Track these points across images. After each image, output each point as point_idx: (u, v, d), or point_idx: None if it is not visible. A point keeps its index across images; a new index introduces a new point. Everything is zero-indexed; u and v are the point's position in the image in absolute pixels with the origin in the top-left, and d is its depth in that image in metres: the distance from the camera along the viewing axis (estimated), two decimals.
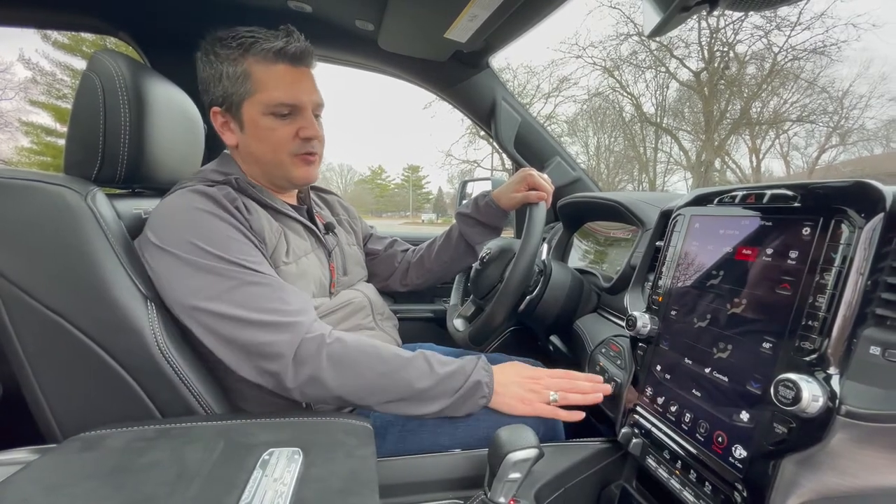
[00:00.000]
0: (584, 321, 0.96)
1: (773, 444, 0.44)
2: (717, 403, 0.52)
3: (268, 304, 0.64)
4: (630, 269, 0.87)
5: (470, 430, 0.74)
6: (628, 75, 11.20)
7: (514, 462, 0.57)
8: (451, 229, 1.05)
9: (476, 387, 0.69)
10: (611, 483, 0.72)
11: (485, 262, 1.04)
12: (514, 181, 0.94)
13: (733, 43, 9.34)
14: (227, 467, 0.48)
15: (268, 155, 0.76)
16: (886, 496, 0.37)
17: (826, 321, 0.42)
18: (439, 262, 1.06)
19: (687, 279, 0.61)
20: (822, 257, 0.43)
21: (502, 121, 1.22)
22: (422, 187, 50.46)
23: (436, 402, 0.68)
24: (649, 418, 0.62)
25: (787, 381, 0.41)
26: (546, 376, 0.74)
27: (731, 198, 0.56)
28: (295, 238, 0.80)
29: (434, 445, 0.72)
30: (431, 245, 1.08)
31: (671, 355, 0.60)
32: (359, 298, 0.89)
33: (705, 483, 0.50)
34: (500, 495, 0.60)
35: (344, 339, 0.67)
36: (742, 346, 0.50)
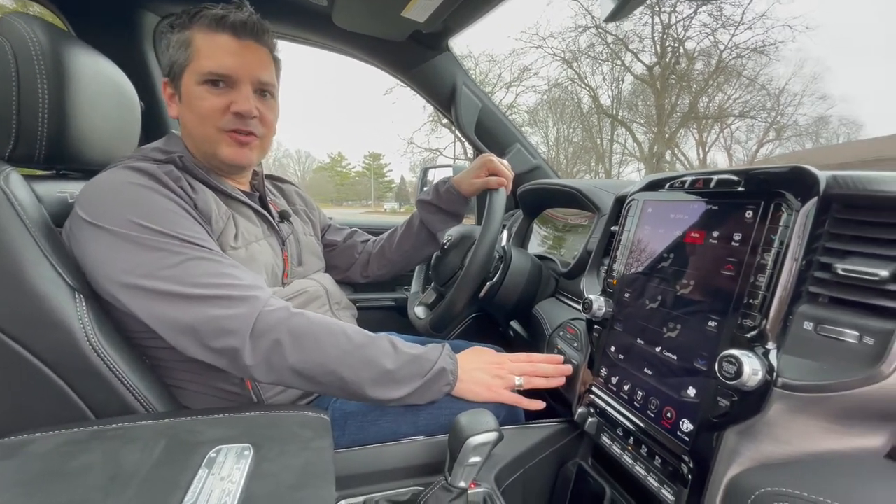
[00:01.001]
0: (543, 306, 0.98)
1: (716, 417, 0.46)
2: (666, 381, 0.54)
3: (218, 278, 0.60)
4: (587, 254, 0.89)
5: (432, 418, 0.74)
6: (586, 67, 11.47)
7: (474, 446, 0.57)
8: (412, 217, 1.03)
9: (441, 374, 0.68)
10: (568, 461, 0.74)
11: (445, 249, 1.03)
12: (474, 167, 0.93)
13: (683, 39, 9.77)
14: (170, 467, 0.45)
15: (197, 127, 0.71)
16: (817, 461, 0.40)
17: (765, 299, 0.44)
18: (401, 251, 1.04)
19: (639, 262, 0.63)
20: (763, 239, 0.45)
21: (463, 105, 1.21)
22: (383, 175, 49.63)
23: (401, 386, 0.66)
24: (604, 398, 0.64)
25: (730, 357, 0.43)
26: (509, 361, 0.75)
27: (682, 183, 0.58)
28: (245, 223, 0.76)
29: (395, 434, 0.71)
30: (392, 235, 1.06)
31: (625, 336, 0.62)
32: (314, 287, 0.85)
33: (655, 457, 0.52)
34: (460, 480, 0.60)
35: (307, 314, 0.64)
36: (689, 326, 0.52)
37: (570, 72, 11.38)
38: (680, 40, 9.86)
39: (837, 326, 0.40)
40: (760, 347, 0.44)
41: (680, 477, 0.49)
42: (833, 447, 0.40)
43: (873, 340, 0.38)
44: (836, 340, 0.40)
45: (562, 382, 0.74)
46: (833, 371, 0.39)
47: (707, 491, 0.45)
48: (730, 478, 0.44)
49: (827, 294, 0.41)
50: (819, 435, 0.40)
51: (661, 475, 0.51)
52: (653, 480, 0.52)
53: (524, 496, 0.72)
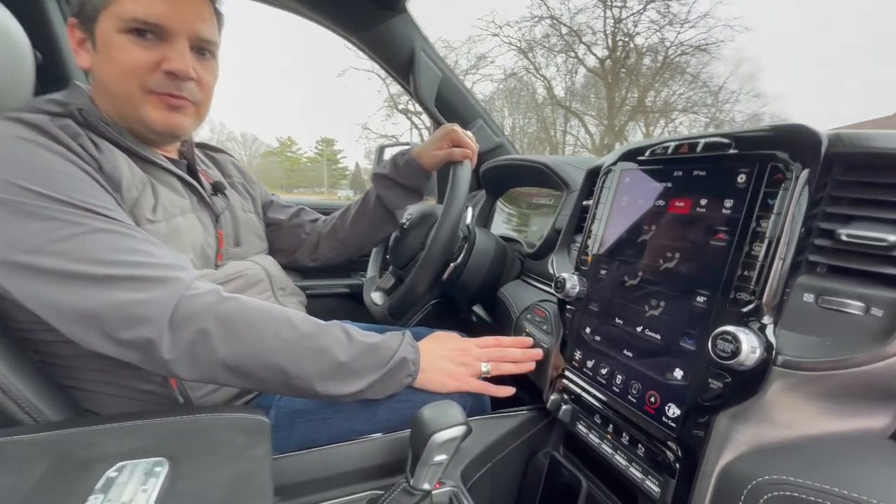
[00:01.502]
0: (508, 288, 0.92)
1: (707, 401, 0.42)
2: (649, 363, 0.49)
3: (128, 255, 0.49)
4: (555, 233, 0.84)
5: (392, 412, 0.66)
6: (541, 58, 11.60)
7: (440, 443, 0.50)
8: (367, 194, 0.94)
9: (401, 364, 0.61)
10: (538, 452, 0.69)
11: (405, 229, 0.95)
12: (436, 137, 0.85)
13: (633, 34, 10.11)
14: (49, 495, 0.35)
15: (116, 84, 0.58)
16: (816, 444, 0.37)
17: (763, 269, 0.40)
18: (355, 231, 0.94)
19: (617, 237, 0.58)
20: (759, 204, 0.41)
21: (422, 74, 1.12)
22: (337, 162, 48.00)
23: (356, 379, 0.58)
24: (579, 382, 0.59)
25: (727, 334, 0.39)
26: (475, 346, 0.69)
27: (664, 149, 0.54)
28: (168, 193, 0.64)
29: (350, 433, 0.63)
30: (345, 213, 0.96)
31: (601, 316, 0.58)
32: (254, 270, 0.75)
33: (638, 445, 0.48)
34: (424, 481, 0.53)
35: (241, 299, 0.54)
36: (675, 302, 0.48)
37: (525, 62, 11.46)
38: (630, 35, 10.20)
39: (841, 297, 0.37)
40: (756, 323, 0.40)
41: (666, 466, 0.44)
42: (834, 429, 0.37)
43: (882, 312, 0.34)
44: (840, 313, 0.36)
45: (532, 367, 0.69)
46: (838, 346, 0.35)
47: (697, 481, 0.42)
48: (722, 466, 0.40)
49: (828, 263, 0.38)
50: (819, 416, 0.37)
51: (644, 465, 0.47)
52: (635, 471, 0.48)
53: (492, 492, 0.67)
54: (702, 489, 0.41)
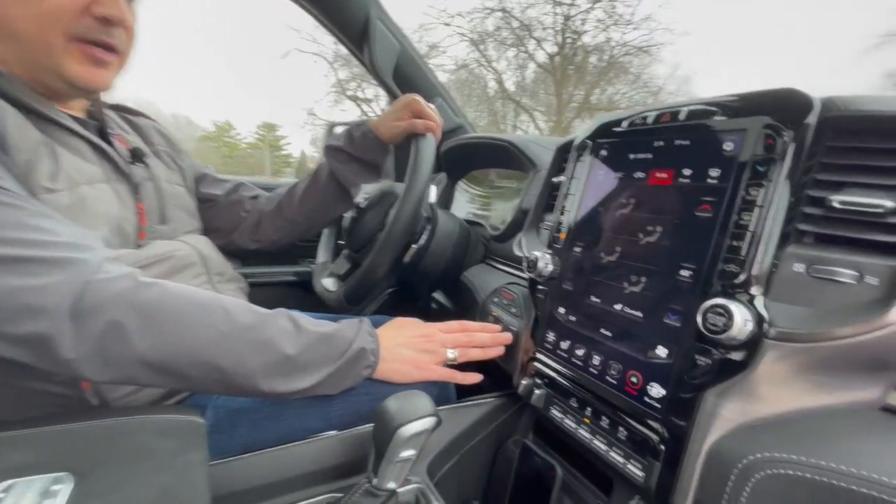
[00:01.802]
0: (472, 272, 0.88)
1: (694, 378, 0.40)
2: (629, 342, 0.47)
3: (16, 231, 0.40)
4: (521, 213, 0.81)
5: (349, 407, 0.60)
6: (493, 51, 11.66)
7: (407, 437, 0.45)
8: (318, 169, 0.85)
9: (359, 355, 0.55)
10: (507, 440, 0.66)
11: (362, 209, 0.87)
12: (397, 108, 0.78)
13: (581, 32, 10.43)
14: None
15: (31, 29, 0.47)
16: (806, 419, 0.36)
17: (753, 239, 0.38)
18: (304, 209, 0.86)
19: (593, 212, 0.55)
20: (748, 172, 0.40)
21: (378, 44, 1.04)
22: (281, 149, 45.65)
23: (307, 374, 0.51)
24: (552, 365, 0.56)
25: (717, 307, 0.37)
26: (439, 332, 0.64)
27: (643, 119, 0.51)
28: (71, 158, 0.53)
29: (302, 431, 0.56)
30: (293, 190, 0.87)
31: (576, 295, 0.55)
32: (183, 251, 0.65)
33: (618, 428, 0.46)
34: (389, 480, 0.48)
35: (164, 284, 0.45)
36: (657, 278, 0.46)
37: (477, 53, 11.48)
38: (578, 33, 10.51)
39: (833, 266, 0.35)
40: (745, 295, 0.38)
41: (650, 449, 0.42)
42: (824, 402, 0.36)
43: (878, 280, 0.33)
44: (832, 282, 0.35)
45: (500, 352, 0.65)
46: (832, 317, 0.34)
47: (684, 462, 0.39)
48: (710, 445, 0.38)
49: (820, 231, 0.37)
50: (810, 390, 0.36)
51: (626, 449, 0.45)
52: (616, 455, 0.45)
53: (460, 485, 0.63)
54: (689, 471, 0.39)
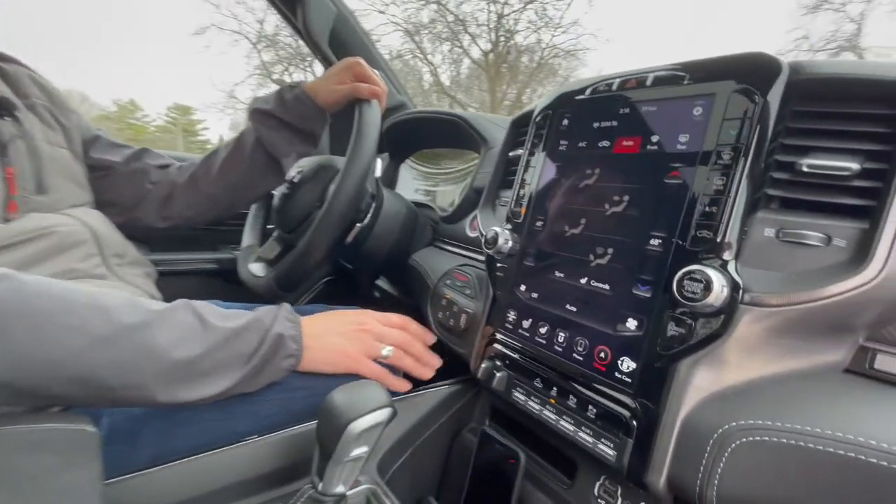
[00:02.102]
0: (421, 256, 0.83)
1: (668, 349, 0.38)
2: (596, 316, 0.45)
3: None
4: (474, 193, 0.77)
5: (282, 404, 0.52)
6: (428, 43, 11.59)
7: (358, 433, 0.39)
8: (241, 136, 0.74)
9: (278, 344, 0.47)
10: (462, 429, 0.62)
11: (296, 184, 0.78)
12: (337, 70, 0.71)
13: (514, 32, 10.72)
14: None
15: None
16: (777, 384, 0.36)
17: (726, 204, 0.37)
18: (225, 183, 0.75)
19: (555, 184, 0.53)
20: (719, 137, 0.39)
21: (312, 7, 0.94)
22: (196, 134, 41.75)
23: (220, 375, 0.44)
24: (514, 345, 0.53)
25: (695, 273, 0.36)
26: (377, 323, 0.58)
27: (608, 86, 0.49)
28: None
29: (226, 436, 0.48)
30: (211, 159, 0.76)
31: (538, 271, 0.52)
32: (70, 227, 0.53)
33: (587, 407, 0.43)
34: (337, 483, 0.42)
35: (18, 278, 0.35)
36: (625, 249, 0.44)
37: (412, 45, 11.34)
38: (511, 32, 10.80)
39: (802, 230, 0.35)
40: (717, 261, 0.37)
41: (622, 426, 0.40)
42: (794, 367, 0.36)
43: (845, 242, 0.34)
44: (802, 246, 0.35)
45: (429, 375, 0.60)
46: (803, 280, 0.34)
47: (658, 437, 0.38)
48: (684, 417, 0.37)
49: (788, 196, 0.36)
50: (780, 355, 0.36)
51: (596, 427, 0.42)
52: (585, 436, 0.43)
53: (413, 481, 0.58)
54: (663, 446, 0.38)
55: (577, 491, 0.48)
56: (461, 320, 0.62)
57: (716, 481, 0.35)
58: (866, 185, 0.34)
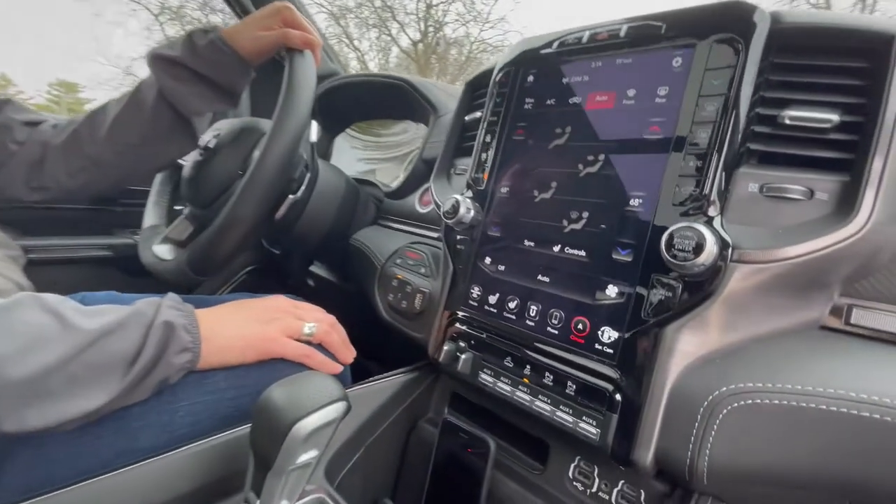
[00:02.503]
0: (363, 235, 0.75)
1: (653, 315, 0.36)
2: (572, 286, 0.41)
3: None
4: (423, 164, 0.71)
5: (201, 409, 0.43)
6: (354, 28, 11.14)
7: (306, 436, 0.32)
8: (139, 88, 0.60)
9: (167, 336, 0.38)
10: (418, 420, 0.56)
11: (212, 150, 0.66)
12: (263, 14, 0.60)
13: (443, 23, 10.68)
14: None
15: None
16: (762, 344, 0.34)
17: (711, 158, 0.35)
18: (118, 146, 0.60)
19: (521, 146, 0.48)
20: (701, 88, 0.36)
21: None
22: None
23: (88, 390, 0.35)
24: (480, 323, 0.48)
25: (685, 231, 0.33)
26: (292, 305, 0.50)
27: (577, 39, 0.46)
28: None
29: (128, 454, 0.38)
30: (97, 117, 0.60)
31: (505, 241, 0.47)
32: None
33: (566, 384, 0.40)
34: (280, 497, 0.34)
35: None
36: (603, 211, 0.41)
37: (338, 29, 10.82)
38: (440, 23, 10.75)
39: (785, 184, 0.34)
40: (702, 217, 0.35)
41: (606, 400, 0.37)
42: (776, 326, 0.35)
43: (827, 195, 0.33)
44: (785, 200, 0.34)
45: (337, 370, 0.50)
46: (788, 234, 0.33)
47: (646, 409, 0.35)
48: (671, 386, 0.35)
49: (770, 150, 0.35)
50: (766, 313, 0.34)
51: (576, 405, 0.39)
52: (564, 415, 0.39)
53: (366, 483, 0.51)
54: (650, 418, 0.35)
55: (550, 475, 0.45)
56: (416, 301, 0.56)
57: (707, 451, 0.33)
58: (844, 139, 0.33)
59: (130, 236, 0.95)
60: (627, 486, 0.40)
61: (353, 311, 0.65)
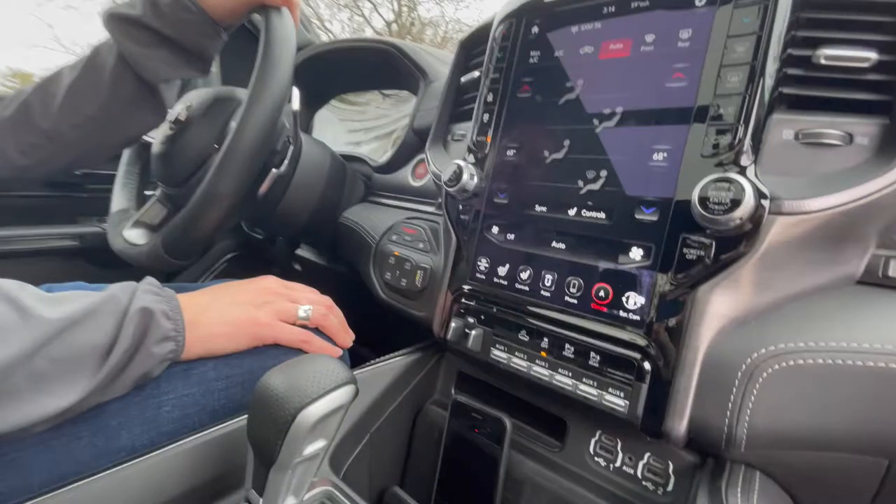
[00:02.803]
0: (354, 213, 0.70)
1: (683, 277, 0.33)
2: (592, 251, 0.38)
3: None
4: (414, 134, 0.67)
5: (190, 402, 0.39)
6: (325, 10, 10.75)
7: (313, 423, 0.29)
8: (96, 52, 0.54)
9: (145, 323, 0.34)
10: (424, 404, 0.53)
11: (184, 123, 0.60)
12: None
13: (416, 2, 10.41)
14: None
15: None
16: (799, 302, 0.32)
17: (744, 103, 0.32)
18: (74, 118, 0.54)
19: (528, 104, 0.45)
20: (729, 27, 0.33)
21: None
22: None
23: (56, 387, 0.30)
24: (489, 296, 0.44)
25: (722, 182, 0.30)
26: (283, 286, 0.46)
27: None
28: None
29: (109, 454, 0.34)
30: (49, 86, 0.54)
31: (513, 208, 0.44)
32: None
33: (588, 355, 0.37)
34: (286, 495, 0.31)
35: None
36: (623, 169, 0.37)
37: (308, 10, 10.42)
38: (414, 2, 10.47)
39: (822, 129, 0.31)
40: (734, 168, 0.32)
41: (635, 370, 0.34)
42: (813, 283, 0.33)
43: (867, 140, 0.30)
44: (824, 147, 0.31)
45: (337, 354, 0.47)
46: (832, 182, 0.30)
47: (678, 376, 0.33)
48: (705, 352, 0.32)
49: (805, 94, 0.32)
50: (803, 269, 0.32)
51: (601, 377, 0.36)
52: (588, 388, 0.37)
53: (371, 475, 0.48)
54: (683, 386, 0.33)
55: (570, 453, 0.43)
56: (417, 278, 0.52)
57: (746, 417, 0.31)
58: (883, 79, 0.31)
59: (98, 224, 0.88)
60: (654, 458, 0.38)
61: (346, 295, 0.61)
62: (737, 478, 0.33)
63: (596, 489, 0.40)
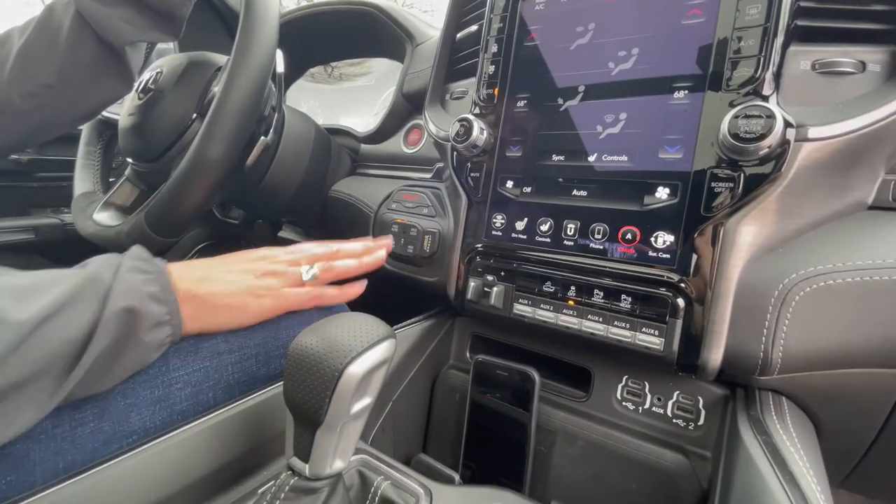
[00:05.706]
0: (344, 186, 0.67)
1: (711, 210, 0.33)
2: (615, 195, 0.38)
3: None
4: (404, 100, 0.64)
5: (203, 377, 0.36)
6: None
7: (361, 378, 0.27)
8: (50, 11, 0.48)
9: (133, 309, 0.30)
10: (440, 368, 0.52)
11: (155, 91, 0.55)
12: None
13: None
14: None
15: None
16: (818, 227, 0.33)
17: (766, 34, 0.32)
18: (25, 84, 0.47)
19: (536, 51, 0.44)
20: None
21: None
22: None
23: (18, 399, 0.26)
24: (508, 252, 0.44)
25: (753, 110, 0.31)
26: (282, 251, 0.43)
27: None
28: None
29: (118, 437, 0.30)
30: None
31: (527, 160, 0.43)
32: None
33: (620, 297, 0.37)
34: (333, 459, 0.29)
35: None
36: (643, 109, 0.37)
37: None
38: None
39: (836, 58, 0.32)
40: (757, 98, 0.33)
41: (668, 307, 0.35)
42: (834, 208, 0.34)
43: (879, 66, 0.32)
44: (839, 75, 0.32)
45: (381, 260, 0.46)
46: (850, 108, 0.31)
47: (713, 308, 0.33)
48: (737, 281, 0.33)
49: (818, 25, 0.33)
50: (825, 196, 0.33)
51: (633, 318, 0.36)
52: (620, 330, 0.37)
53: (395, 444, 0.46)
54: (718, 317, 0.33)
55: (597, 401, 0.43)
56: (425, 244, 0.51)
57: (781, 340, 0.32)
58: (886, 9, 0.32)
59: (54, 216, 0.80)
60: (683, 395, 0.39)
61: None
62: (768, 404, 0.34)
63: (628, 432, 0.40)
